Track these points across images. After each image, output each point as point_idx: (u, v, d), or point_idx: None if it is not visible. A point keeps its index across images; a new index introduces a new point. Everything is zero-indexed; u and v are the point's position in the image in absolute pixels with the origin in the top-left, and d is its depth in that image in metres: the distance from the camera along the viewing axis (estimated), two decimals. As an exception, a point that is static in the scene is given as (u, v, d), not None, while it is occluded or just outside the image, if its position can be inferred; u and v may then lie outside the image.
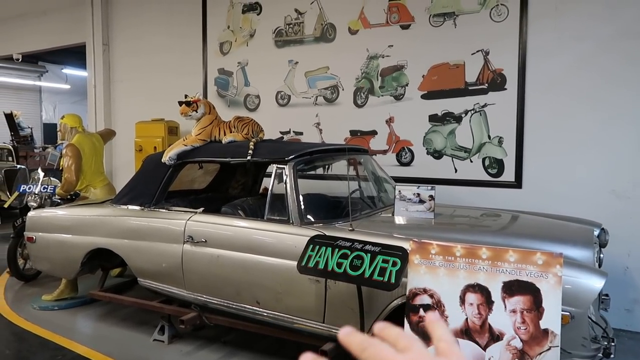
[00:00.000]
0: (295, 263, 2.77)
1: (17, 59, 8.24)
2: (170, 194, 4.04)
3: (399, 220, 3.19)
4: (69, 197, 5.08)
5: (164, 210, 3.74)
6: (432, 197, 3.15)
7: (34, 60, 14.71)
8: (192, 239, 3.41)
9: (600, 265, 2.96)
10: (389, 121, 4.98)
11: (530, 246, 2.57)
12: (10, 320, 4.31)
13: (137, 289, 4.19)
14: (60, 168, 5.25)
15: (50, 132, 16.41)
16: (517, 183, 4.39)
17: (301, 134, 5.52)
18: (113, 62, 7.10)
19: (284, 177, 3.24)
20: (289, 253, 2.98)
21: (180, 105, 3.89)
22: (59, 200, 5.04)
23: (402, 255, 2.43)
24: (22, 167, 10.13)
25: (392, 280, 2.36)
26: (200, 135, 3.82)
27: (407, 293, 2.39)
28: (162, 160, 3.83)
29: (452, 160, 4.68)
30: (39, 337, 3.93)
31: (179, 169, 3.93)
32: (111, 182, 5.67)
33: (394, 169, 4.84)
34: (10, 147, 11.14)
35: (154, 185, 3.87)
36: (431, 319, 0.53)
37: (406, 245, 2.49)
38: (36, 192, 5.00)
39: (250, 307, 3.22)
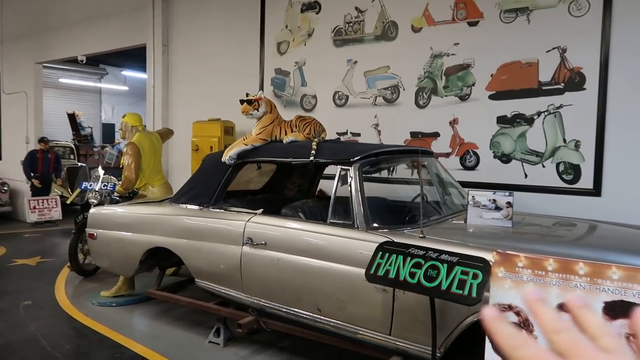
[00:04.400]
0: (360, 270, 2.61)
1: (82, 61, 8.52)
2: (227, 194, 3.97)
3: (473, 228, 2.96)
4: (127, 194, 5.14)
5: (223, 211, 3.67)
6: (510, 204, 2.90)
7: (95, 63, 15.32)
8: (252, 241, 3.31)
9: None
10: (453, 122, 4.73)
11: (629, 262, 2.29)
12: (71, 314, 4.38)
13: (192, 289, 4.14)
14: (120, 166, 5.33)
15: (109, 132, 17.07)
16: (596, 190, 4.04)
17: (359, 135, 5.36)
18: (172, 64, 7.19)
19: (349, 179, 3.08)
20: (354, 259, 2.82)
21: (242, 104, 3.80)
22: (118, 198, 5.11)
23: (484, 267, 2.21)
24: (84, 165, 10.52)
25: (474, 294, 2.15)
26: (261, 135, 3.72)
27: (488, 309, 2.17)
28: (222, 159, 3.76)
29: (522, 165, 4.38)
30: (97, 333, 3.96)
31: (238, 169, 3.85)
32: (168, 181, 5.70)
33: (458, 173, 4.57)
34: (72, 145, 11.63)
35: (213, 185, 3.80)
36: None
37: (486, 255, 2.27)
38: (97, 190, 5.10)
39: (311, 313, 3.07)
